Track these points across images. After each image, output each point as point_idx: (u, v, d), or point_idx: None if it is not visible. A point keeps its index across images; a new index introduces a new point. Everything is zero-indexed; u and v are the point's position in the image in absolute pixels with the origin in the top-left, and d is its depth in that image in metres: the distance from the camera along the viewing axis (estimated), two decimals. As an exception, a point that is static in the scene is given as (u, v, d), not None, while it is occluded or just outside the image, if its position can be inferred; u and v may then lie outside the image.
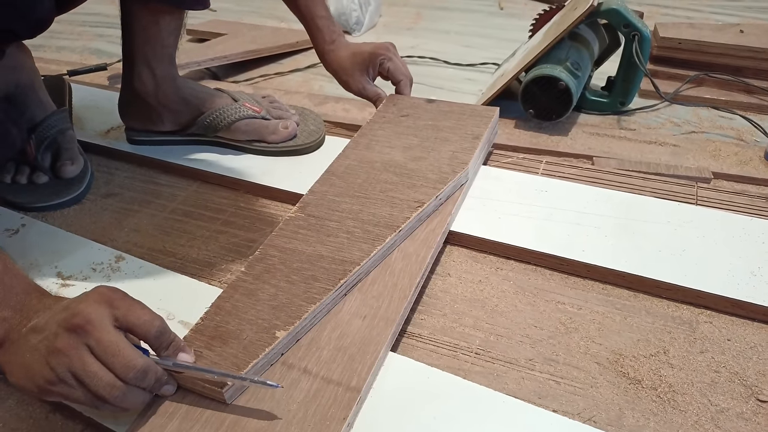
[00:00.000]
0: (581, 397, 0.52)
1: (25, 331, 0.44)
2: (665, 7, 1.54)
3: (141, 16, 0.79)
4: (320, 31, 0.87)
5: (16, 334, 0.44)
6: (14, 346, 0.44)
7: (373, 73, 0.89)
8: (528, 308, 0.61)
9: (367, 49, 0.87)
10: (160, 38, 0.81)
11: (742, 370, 0.53)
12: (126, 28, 0.81)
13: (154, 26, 0.79)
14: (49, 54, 1.48)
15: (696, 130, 0.97)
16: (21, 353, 0.43)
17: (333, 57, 0.88)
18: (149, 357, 0.45)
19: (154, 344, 0.45)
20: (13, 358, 0.44)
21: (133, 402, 0.45)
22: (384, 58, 0.87)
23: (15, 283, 0.47)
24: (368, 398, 0.50)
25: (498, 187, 0.75)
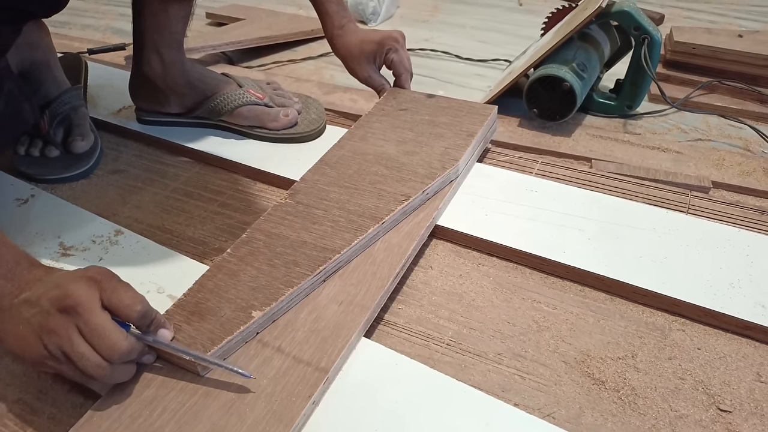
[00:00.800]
0: (544, 393, 0.53)
1: (18, 302, 0.47)
2: (689, 10, 1.52)
3: (151, 3, 0.82)
4: (330, 16, 0.88)
5: (7, 303, 0.47)
6: (7, 315, 0.47)
7: (380, 62, 0.89)
8: (504, 304, 0.62)
9: (376, 37, 0.88)
10: (168, 25, 0.83)
11: (707, 378, 0.54)
12: (137, 14, 0.84)
13: (163, 13, 0.82)
14: (74, 32, 1.52)
15: (703, 137, 0.96)
16: (15, 324, 0.46)
17: (341, 42, 0.89)
18: (131, 332, 0.48)
19: (136, 324, 0.48)
20: (8, 327, 0.47)
21: (120, 377, 0.48)
22: (391, 49, 0.87)
23: (5, 252, 0.50)
24: (336, 380, 0.52)
25: (489, 184, 0.76)
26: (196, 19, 1.57)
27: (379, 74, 0.90)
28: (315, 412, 0.49)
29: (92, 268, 0.48)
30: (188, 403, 0.48)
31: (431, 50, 1.30)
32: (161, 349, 0.50)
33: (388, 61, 0.89)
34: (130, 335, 0.47)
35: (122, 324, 0.47)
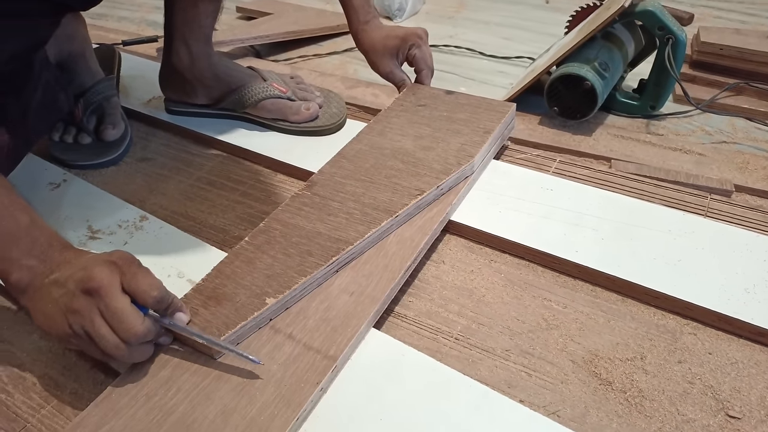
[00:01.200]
0: (550, 391, 0.54)
1: (48, 282, 0.49)
2: (719, 10, 1.49)
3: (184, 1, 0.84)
4: (355, 11, 0.89)
5: (39, 282, 0.50)
6: (38, 294, 0.50)
7: (402, 58, 0.90)
8: (514, 301, 0.63)
9: (400, 33, 0.88)
10: (198, 19, 0.85)
11: (717, 384, 0.54)
12: (168, 8, 0.86)
13: (193, 8, 0.84)
14: (111, 23, 1.56)
15: (727, 140, 0.95)
16: (44, 302, 0.49)
17: (365, 37, 0.89)
18: (149, 314, 0.50)
19: (153, 308, 0.50)
20: (38, 305, 0.50)
21: (137, 357, 0.50)
22: (413, 45, 0.88)
23: (39, 235, 0.53)
24: (344, 368, 0.54)
25: (504, 181, 0.76)
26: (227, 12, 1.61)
27: (400, 70, 0.91)
28: (323, 398, 0.51)
29: (116, 253, 0.51)
30: (201, 384, 0.50)
31: (455, 47, 1.31)
32: (177, 332, 0.52)
33: (410, 57, 0.89)
34: (147, 318, 0.49)
35: (141, 307, 0.49)
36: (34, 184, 0.81)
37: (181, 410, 0.48)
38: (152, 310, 0.50)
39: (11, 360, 0.57)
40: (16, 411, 0.52)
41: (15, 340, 0.59)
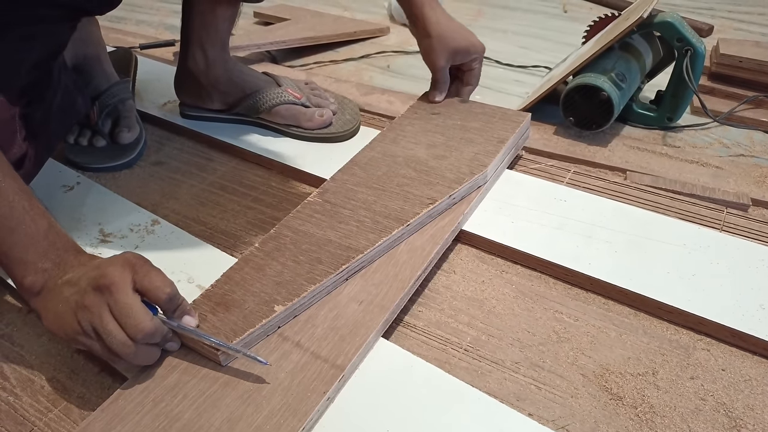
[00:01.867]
0: (559, 405, 0.53)
1: (61, 283, 0.50)
2: (740, 22, 1.47)
3: (200, 2, 0.85)
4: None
5: (52, 284, 0.51)
6: (50, 295, 0.50)
7: (459, 61, 0.87)
8: (525, 313, 0.62)
9: (471, 38, 0.85)
10: (215, 24, 0.86)
11: (730, 401, 0.53)
12: (186, 12, 0.87)
13: (210, 13, 0.85)
14: (129, 27, 1.58)
15: (745, 153, 0.94)
16: (55, 303, 0.50)
17: (434, 19, 0.83)
18: (158, 316, 0.50)
19: (163, 307, 0.50)
20: (49, 305, 0.50)
21: (144, 359, 0.50)
22: (477, 59, 0.87)
23: (57, 239, 0.53)
24: (352, 377, 0.53)
25: (518, 192, 0.76)
26: (244, 17, 1.62)
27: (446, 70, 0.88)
28: (329, 407, 0.51)
29: (129, 253, 0.51)
30: (208, 391, 0.50)
31: (471, 55, 1.30)
32: (184, 334, 0.52)
33: (468, 67, 0.87)
34: (156, 318, 0.49)
35: (151, 308, 0.50)
36: (48, 186, 0.82)
37: (187, 417, 0.48)
38: (162, 311, 0.51)
39: (20, 363, 0.58)
40: (24, 414, 0.52)
41: (25, 344, 0.60)
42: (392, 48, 1.37)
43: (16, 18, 0.60)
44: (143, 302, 0.49)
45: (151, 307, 0.50)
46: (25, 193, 0.53)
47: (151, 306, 0.50)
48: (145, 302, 0.49)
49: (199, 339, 0.51)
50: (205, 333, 0.52)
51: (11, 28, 0.60)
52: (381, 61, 1.32)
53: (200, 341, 0.51)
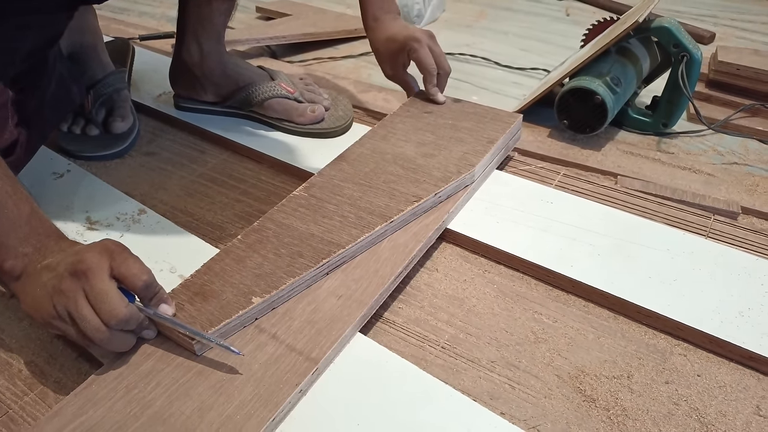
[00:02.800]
0: (532, 405, 0.53)
1: (40, 268, 0.50)
2: (743, 30, 1.46)
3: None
4: (368, 5, 0.87)
5: (32, 269, 0.51)
6: (29, 280, 0.51)
7: (407, 62, 0.88)
8: (504, 313, 0.62)
9: (401, 36, 0.85)
10: (210, 17, 0.86)
11: (703, 407, 0.53)
12: (182, 4, 0.87)
13: (206, 6, 0.85)
14: (132, 18, 1.58)
15: (739, 161, 0.93)
16: (33, 287, 0.50)
17: (373, 37, 0.88)
18: (135, 304, 0.50)
19: (140, 295, 0.51)
20: (27, 290, 0.51)
21: (118, 345, 0.51)
22: (411, 50, 0.84)
23: (39, 225, 0.54)
24: (326, 371, 0.53)
25: (505, 192, 0.76)
26: (246, 12, 1.62)
27: (404, 73, 0.89)
28: (301, 400, 0.51)
29: (108, 240, 0.51)
30: (181, 379, 0.50)
31: (471, 55, 1.30)
32: (161, 322, 0.52)
33: (415, 59, 0.86)
34: (131, 305, 0.49)
35: (128, 295, 0.50)
36: (38, 173, 0.82)
37: (158, 404, 0.48)
38: (138, 299, 0.51)
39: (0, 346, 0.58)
40: (0, 397, 0.53)
41: (5, 327, 0.60)
42: (392, 46, 1.37)
43: (11, 8, 0.61)
44: (120, 289, 0.49)
45: (128, 295, 0.50)
46: (8, 178, 0.54)
47: (128, 293, 0.50)
48: (122, 290, 0.49)
49: (174, 327, 0.51)
50: (181, 322, 0.52)
51: (6, 17, 0.61)
52: (380, 59, 1.32)
53: (175, 330, 0.52)
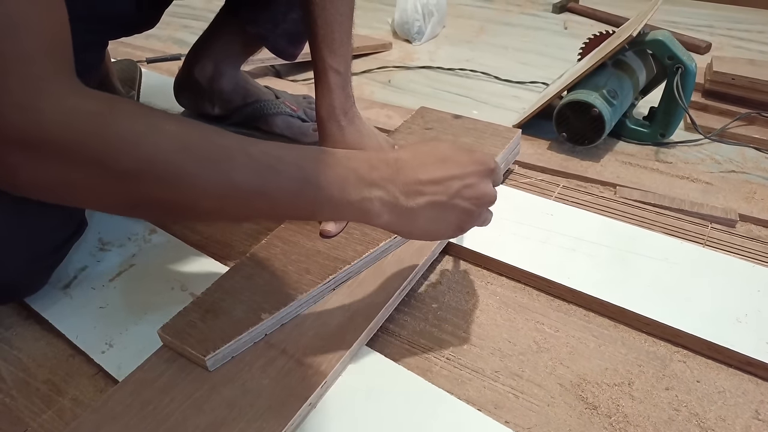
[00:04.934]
0: (535, 413, 0.54)
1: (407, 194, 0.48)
2: (739, 40, 1.48)
3: (231, 30, 0.89)
4: (330, 92, 0.70)
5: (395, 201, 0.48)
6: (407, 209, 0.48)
7: None
8: (506, 324, 0.64)
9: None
10: (236, 51, 0.90)
11: (703, 412, 0.54)
12: (212, 29, 0.90)
13: (235, 43, 0.89)
14: (138, 41, 1.61)
15: (736, 170, 0.95)
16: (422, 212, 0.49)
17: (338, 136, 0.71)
18: None
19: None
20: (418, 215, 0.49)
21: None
22: None
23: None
24: (335, 384, 0.55)
25: (506, 205, 0.77)
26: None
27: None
28: (311, 413, 0.52)
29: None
30: (195, 395, 0.52)
31: (471, 70, 1.33)
32: None
33: None
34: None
35: None
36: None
37: (173, 420, 0.50)
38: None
39: (17, 365, 0.60)
40: (19, 414, 0.55)
41: (23, 347, 0.62)
42: (394, 63, 1.39)
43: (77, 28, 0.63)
44: None
45: None
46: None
47: None
48: None
49: None
50: None
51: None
52: (382, 76, 1.34)
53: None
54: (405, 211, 0.48)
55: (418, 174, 0.49)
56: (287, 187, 0.44)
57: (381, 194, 0.47)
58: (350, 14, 0.70)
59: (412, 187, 0.48)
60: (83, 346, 0.60)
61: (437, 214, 0.49)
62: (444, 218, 0.50)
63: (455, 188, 0.49)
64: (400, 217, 0.48)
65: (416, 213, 0.49)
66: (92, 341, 0.61)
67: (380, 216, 0.48)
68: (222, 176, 0.40)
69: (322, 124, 0.71)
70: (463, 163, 0.50)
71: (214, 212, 0.43)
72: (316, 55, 0.69)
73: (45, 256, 0.64)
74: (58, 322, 0.63)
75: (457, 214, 0.50)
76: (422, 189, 0.48)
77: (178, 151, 0.39)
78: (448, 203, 0.49)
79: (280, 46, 0.90)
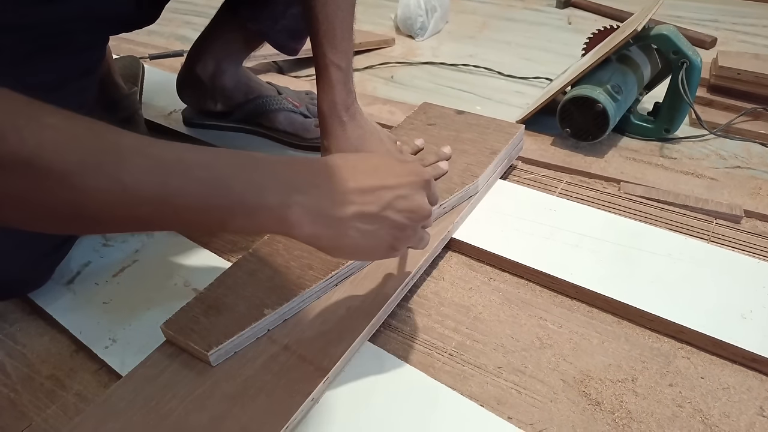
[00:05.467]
0: (538, 409, 0.54)
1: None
2: (744, 34, 1.47)
3: (231, 29, 0.88)
4: (332, 88, 0.69)
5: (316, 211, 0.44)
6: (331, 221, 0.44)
7: None
8: (509, 320, 0.63)
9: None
10: (237, 48, 0.90)
11: (707, 408, 0.54)
12: (212, 27, 0.90)
13: (235, 42, 0.89)
14: (140, 37, 1.61)
15: (741, 165, 0.94)
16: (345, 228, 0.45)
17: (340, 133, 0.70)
18: None
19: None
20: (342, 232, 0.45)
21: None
22: None
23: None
24: (337, 380, 0.55)
25: (509, 201, 0.77)
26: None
27: None
28: (313, 409, 0.53)
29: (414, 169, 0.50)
30: (197, 391, 0.52)
31: (474, 66, 1.32)
32: None
33: None
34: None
35: None
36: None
37: (175, 416, 0.50)
38: None
39: (22, 361, 0.60)
40: (23, 409, 0.55)
41: (27, 342, 0.63)
42: (396, 59, 1.39)
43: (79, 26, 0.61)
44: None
45: None
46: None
47: None
48: None
49: None
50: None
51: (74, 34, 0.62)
52: (385, 71, 1.34)
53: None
54: (331, 221, 0.44)
55: (348, 181, 0.45)
56: (192, 191, 0.39)
57: (304, 200, 0.43)
58: (351, 9, 0.69)
59: (340, 195, 0.44)
60: (87, 342, 0.60)
61: (367, 226, 0.46)
62: (375, 233, 0.46)
63: (387, 199, 0.46)
64: (326, 228, 0.44)
65: (344, 224, 0.45)
66: (96, 337, 0.61)
67: (301, 226, 0.43)
68: (109, 177, 0.35)
69: (324, 120, 0.70)
70: (396, 173, 0.47)
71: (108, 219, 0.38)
72: (318, 50, 0.68)
73: (48, 252, 0.64)
74: (62, 318, 0.63)
75: (389, 229, 0.47)
76: (352, 198, 0.45)
77: (59, 148, 0.34)
78: (379, 215, 0.46)
79: (281, 42, 0.89)
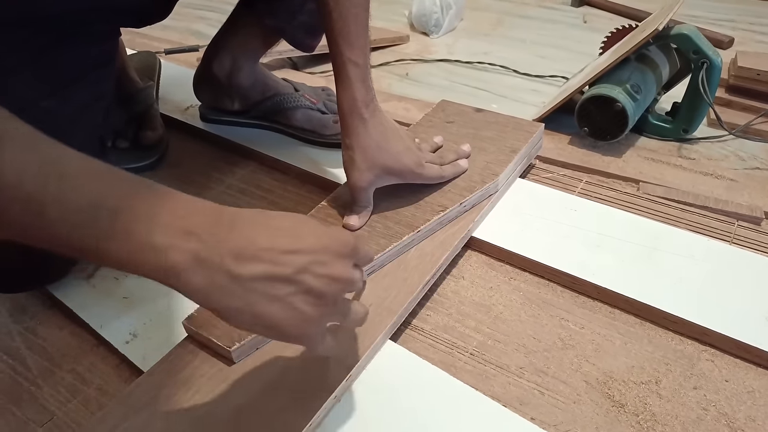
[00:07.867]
0: (561, 410, 0.54)
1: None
2: (762, 34, 1.46)
3: (249, 23, 0.88)
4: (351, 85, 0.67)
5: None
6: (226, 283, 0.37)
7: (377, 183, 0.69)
8: (531, 320, 0.63)
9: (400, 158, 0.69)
10: (254, 45, 0.90)
11: (732, 412, 0.53)
12: (229, 23, 0.90)
13: (253, 38, 0.89)
14: (155, 32, 1.61)
15: (761, 166, 0.93)
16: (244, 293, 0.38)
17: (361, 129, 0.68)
18: None
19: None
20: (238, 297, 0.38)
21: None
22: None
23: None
24: (359, 378, 0.55)
25: (529, 200, 0.77)
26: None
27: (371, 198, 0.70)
28: (336, 407, 0.52)
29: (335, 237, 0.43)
30: (219, 387, 0.52)
31: (489, 64, 1.31)
32: None
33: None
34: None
35: None
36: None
37: (198, 411, 0.50)
38: None
39: (43, 354, 0.60)
40: (44, 403, 0.55)
41: (47, 336, 0.63)
42: (411, 56, 1.39)
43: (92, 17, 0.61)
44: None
45: None
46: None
47: None
48: None
49: None
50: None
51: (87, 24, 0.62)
52: (400, 68, 1.33)
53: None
54: (229, 278, 0.36)
55: (258, 238, 0.38)
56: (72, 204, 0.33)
57: (198, 248, 0.36)
58: (366, 5, 0.68)
59: (245, 250, 0.37)
60: (107, 336, 0.60)
61: (277, 291, 0.38)
62: (285, 299, 0.38)
63: (303, 262, 0.39)
64: (221, 286, 0.36)
65: (246, 285, 0.37)
66: (116, 331, 0.61)
67: (189, 277, 0.36)
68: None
69: (344, 118, 0.69)
70: (318, 236, 0.41)
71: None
72: (334, 48, 0.67)
73: None
74: (82, 312, 0.63)
75: (304, 295, 0.39)
76: (260, 255, 0.37)
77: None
78: (291, 278, 0.38)
79: (298, 38, 0.89)
